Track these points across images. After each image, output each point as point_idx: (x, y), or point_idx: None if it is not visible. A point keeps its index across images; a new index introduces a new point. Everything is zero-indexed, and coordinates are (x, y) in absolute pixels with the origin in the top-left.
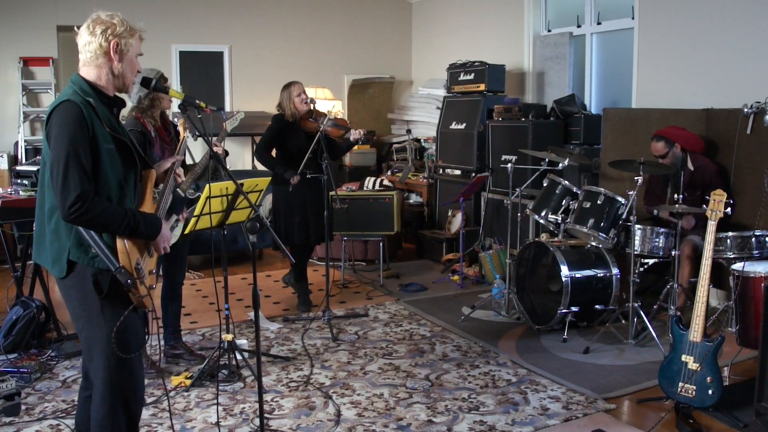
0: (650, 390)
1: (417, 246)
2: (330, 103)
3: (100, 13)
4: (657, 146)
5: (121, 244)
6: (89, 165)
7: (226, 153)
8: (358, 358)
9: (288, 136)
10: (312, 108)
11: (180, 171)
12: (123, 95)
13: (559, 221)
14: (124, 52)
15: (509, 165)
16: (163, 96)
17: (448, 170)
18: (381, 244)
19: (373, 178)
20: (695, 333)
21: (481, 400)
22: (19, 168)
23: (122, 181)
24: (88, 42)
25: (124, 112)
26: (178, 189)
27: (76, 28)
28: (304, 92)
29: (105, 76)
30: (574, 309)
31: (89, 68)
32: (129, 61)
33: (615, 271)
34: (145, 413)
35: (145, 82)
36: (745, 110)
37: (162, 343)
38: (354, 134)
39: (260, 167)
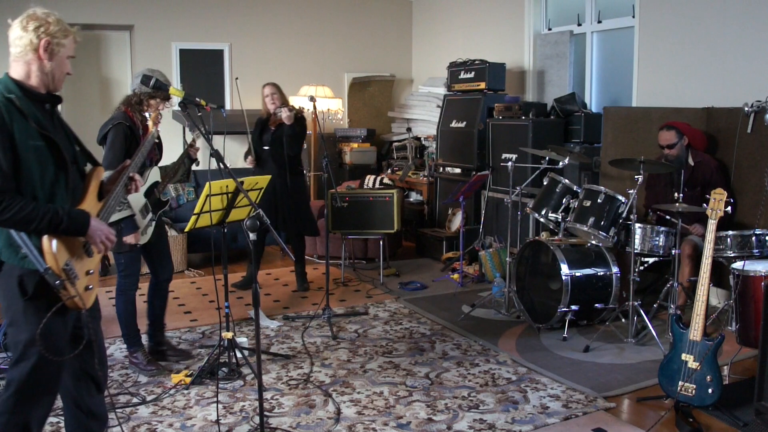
0: (650, 389)
1: (417, 244)
2: (331, 101)
3: (36, 9)
4: (667, 135)
5: (48, 244)
6: (8, 164)
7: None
8: (358, 356)
9: (257, 128)
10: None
11: (137, 176)
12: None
13: (559, 220)
14: (55, 52)
15: (509, 163)
16: (151, 104)
17: (449, 169)
18: (381, 243)
19: (373, 177)
20: (695, 332)
21: (481, 399)
22: None
23: (53, 179)
24: (19, 36)
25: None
26: (155, 189)
27: (9, 21)
28: (274, 95)
29: (35, 74)
30: (574, 308)
31: (18, 65)
32: (59, 62)
33: (615, 269)
34: (145, 411)
35: (145, 80)
36: (746, 109)
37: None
38: (283, 112)
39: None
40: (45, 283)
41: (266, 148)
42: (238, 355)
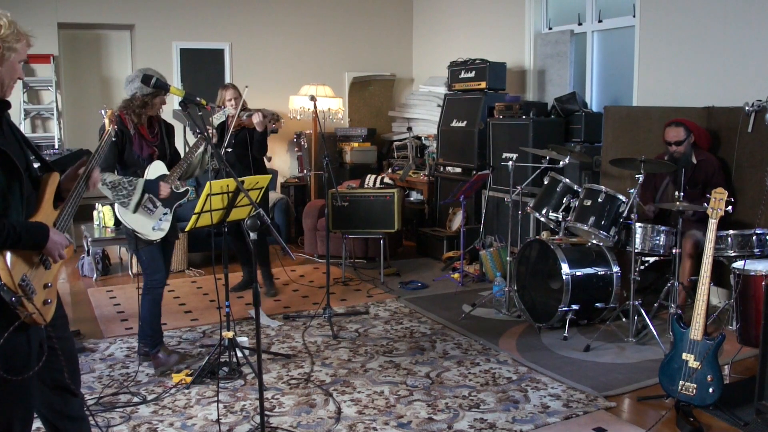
0: (651, 388)
1: (418, 244)
2: (331, 100)
3: None
4: (677, 131)
5: (1, 259)
6: None
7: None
8: (358, 355)
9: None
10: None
11: (97, 176)
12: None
13: (560, 219)
14: (5, 57)
15: (510, 163)
16: (156, 102)
17: (449, 168)
18: (382, 242)
19: (373, 176)
20: (696, 331)
21: (481, 398)
22: None
23: (5, 189)
24: None
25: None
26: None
27: None
28: (236, 99)
29: None
30: (574, 307)
31: None
32: (9, 67)
33: (615, 269)
34: (146, 411)
35: (146, 80)
36: (746, 108)
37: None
38: (255, 117)
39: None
40: (3, 300)
41: (229, 150)
42: (239, 354)
